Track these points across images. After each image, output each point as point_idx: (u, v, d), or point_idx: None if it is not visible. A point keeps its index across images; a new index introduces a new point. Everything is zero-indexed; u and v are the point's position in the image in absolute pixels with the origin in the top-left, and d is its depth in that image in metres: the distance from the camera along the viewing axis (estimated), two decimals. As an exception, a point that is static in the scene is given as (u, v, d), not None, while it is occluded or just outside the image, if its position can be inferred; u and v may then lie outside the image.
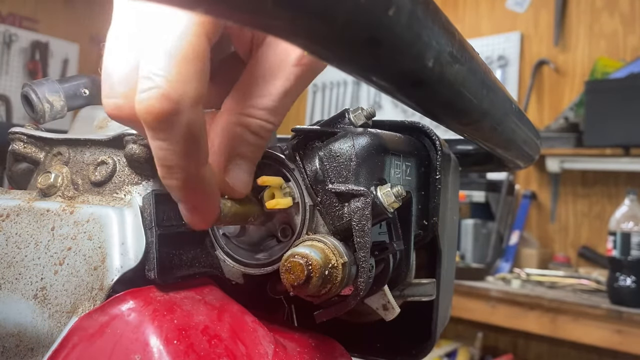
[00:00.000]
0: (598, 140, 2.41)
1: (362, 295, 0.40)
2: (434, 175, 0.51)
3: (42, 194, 0.45)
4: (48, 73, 3.51)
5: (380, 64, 0.27)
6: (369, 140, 0.42)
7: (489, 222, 2.71)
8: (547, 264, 2.68)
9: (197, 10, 0.19)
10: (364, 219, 0.39)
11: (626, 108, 2.30)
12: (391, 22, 0.24)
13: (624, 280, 2.02)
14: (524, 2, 3.05)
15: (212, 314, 0.40)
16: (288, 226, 0.43)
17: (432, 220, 0.50)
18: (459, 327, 2.78)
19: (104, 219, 0.41)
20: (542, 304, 2.14)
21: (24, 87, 0.53)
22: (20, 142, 0.50)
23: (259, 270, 0.43)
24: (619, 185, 2.63)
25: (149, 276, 0.40)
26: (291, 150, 0.43)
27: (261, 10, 0.19)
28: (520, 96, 2.96)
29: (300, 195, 0.42)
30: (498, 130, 0.49)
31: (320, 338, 0.46)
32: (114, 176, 0.45)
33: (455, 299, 1.06)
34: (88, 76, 0.57)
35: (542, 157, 2.65)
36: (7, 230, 0.43)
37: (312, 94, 3.86)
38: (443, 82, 0.33)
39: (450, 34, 0.32)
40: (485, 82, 0.41)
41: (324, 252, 0.38)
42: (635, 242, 2.00)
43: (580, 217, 2.75)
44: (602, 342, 2.05)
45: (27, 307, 0.41)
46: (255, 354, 0.39)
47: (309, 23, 0.21)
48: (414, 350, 0.53)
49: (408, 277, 0.48)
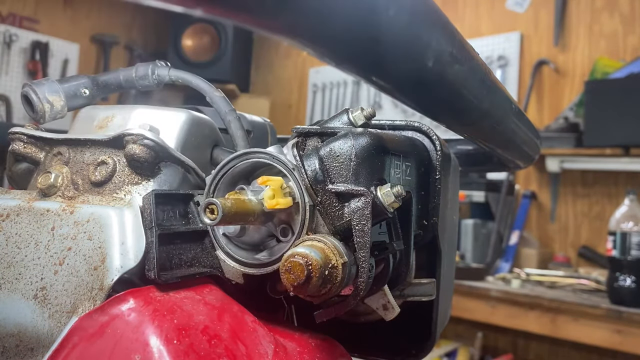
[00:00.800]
0: (598, 140, 2.41)
1: (362, 295, 0.40)
2: (434, 175, 0.51)
3: (42, 194, 0.45)
4: (48, 73, 3.51)
5: (380, 64, 0.27)
6: (369, 140, 0.42)
7: (489, 222, 2.71)
8: (547, 264, 2.68)
9: (197, 10, 0.19)
10: (364, 219, 0.39)
11: (626, 108, 2.30)
12: (391, 22, 0.24)
13: (624, 280, 2.02)
14: (524, 2, 3.05)
15: (212, 314, 0.40)
16: (288, 226, 0.43)
17: (432, 220, 0.50)
18: (459, 327, 2.78)
19: (104, 219, 0.41)
20: (542, 304, 2.14)
21: (24, 87, 0.53)
22: (21, 142, 0.50)
23: (259, 270, 0.43)
24: (618, 185, 2.63)
25: (149, 276, 0.40)
26: (291, 150, 0.43)
27: (261, 10, 0.19)
28: (520, 96, 2.96)
29: (300, 195, 0.42)
30: (498, 130, 0.49)
31: (320, 338, 0.46)
32: (114, 176, 0.45)
33: (455, 299, 1.06)
34: (88, 76, 0.57)
35: (542, 157, 2.65)
36: (7, 230, 0.43)
37: (312, 94, 3.86)
38: (443, 82, 0.33)
39: (450, 34, 0.32)
40: (485, 82, 0.41)
41: (324, 252, 0.38)
42: (635, 242, 2.00)
43: (580, 217, 2.75)
44: (602, 342, 2.05)
45: (27, 307, 0.41)
46: (255, 354, 0.39)
47: (309, 23, 0.21)
48: (414, 350, 0.53)
49: (408, 277, 0.48)
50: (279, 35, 0.22)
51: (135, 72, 0.57)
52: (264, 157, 0.43)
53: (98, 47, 3.88)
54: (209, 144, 0.52)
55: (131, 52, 4.03)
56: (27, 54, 3.49)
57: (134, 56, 4.00)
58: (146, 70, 0.57)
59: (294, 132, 0.45)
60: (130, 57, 4.02)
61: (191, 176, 0.48)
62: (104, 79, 0.58)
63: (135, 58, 3.98)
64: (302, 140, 0.45)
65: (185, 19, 3.74)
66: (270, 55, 4.17)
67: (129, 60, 4.01)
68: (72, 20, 3.74)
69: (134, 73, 0.57)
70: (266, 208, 0.41)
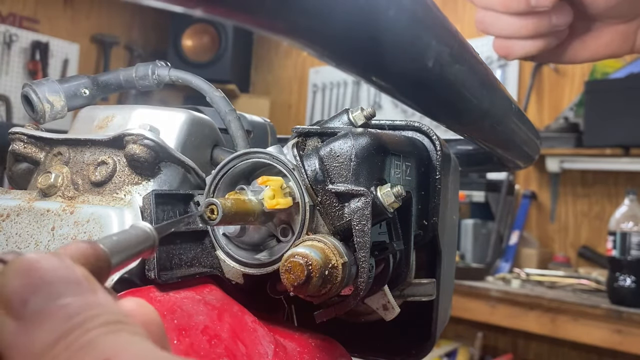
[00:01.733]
0: (598, 140, 2.41)
1: (362, 295, 0.40)
2: (433, 175, 0.51)
3: (42, 194, 0.45)
4: (48, 73, 3.51)
5: (380, 64, 0.27)
6: (369, 140, 0.42)
7: (489, 222, 2.71)
8: (547, 264, 2.68)
9: (197, 10, 0.19)
10: (364, 219, 0.39)
11: (626, 108, 2.30)
12: (391, 22, 0.24)
13: (624, 280, 2.02)
14: (523, 2, 3.04)
15: (212, 314, 0.40)
16: (288, 226, 0.43)
17: (432, 220, 0.50)
18: (459, 327, 2.78)
19: (104, 219, 0.41)
20: (542, 304, 2.14)
21: (24, 87, 0.53)
22: (21, 142, 0.50)
23: (259, 270, 0.43)
24: (618, 185, 2.63)
25: (149, 276, 0.40)
26: (291, 150, 0.43)
27: (261, 10, 0.19)
28: (520, 96, 2.96)
29: (301, 195, 0.42)
30: (498, 130, 0.49)
31: (320, 338, 0.46)
32: (114, 176, 0.45)
33: (455, 299, 1.06)
34: (88, 76, 0.57)
35: (542, 157, 2.64)
36: (7, 230, 0.43)
37: (312, 94, 3.86)
38: (443, 82, 0.33)
39: (450, 34, 0.32)
40: (485, 82, 0.41)
41: (324, 252, 0.38)
42: (635, 242, 2.00)
43: (580, 217, 2.75)
44: (602, 342, 2.05)
45: (27, 307, 0.40)
46: (255, 354, 0.39)
47: (309, 23, 0.21)
48: (414, 350, 0.53)
49: (408, 277, 0.48)
50: (279, 35, 0.22)
51: (135, 72, 0.57)
52: (264, 157, 0.43)
53: (98, 47, 3.88)
54: (209, 144, 0.52)
55: (131, 52, 4.03)
56: (27, 54, 3.49)
57: (134, 56, 4.00)
58: (146, 70, 0.57)
59: (294, 132, 0.45)
60: (130, 57, 4.02)
61: (191, 176, 0.48)
62: (104, 79, 0.58)
63: (135, 58, 3.98)
64: (302, 140, 0.45)
65: (185, 19, 3.74)
66: (270, 55, 4.17)
67: (129, 60, 4.01)
68: (72, 20, 3.74)
69: (134, 73, 0.57)
70: (266, 208, 0.41)
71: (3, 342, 0.19)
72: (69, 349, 0.18)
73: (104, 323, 0.19)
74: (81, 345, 0.18)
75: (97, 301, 0.20)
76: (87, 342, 0.18)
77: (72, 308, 0.19)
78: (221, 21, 0.31)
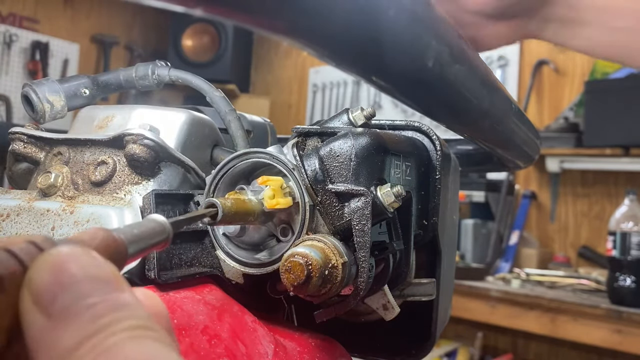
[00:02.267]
0: (598, 140, 2.41)
1: (362, 295, 0.40)
2: (433, 175, 0.51)
3: (42, 194, 0.45)
4: (48, 73, 3.51)
5: (380, 64, 0.27)
6: (369, 140, 0.42)
7: (489, 222, 2.71)
8: (547, 264, 2.68)
9: (197, 10, 0.19)
10: (364, 219, 0.39)
11: (626, 108, 2.30)
12: (391, 22, 0.24)
13: (624, 280, 2.02)
14: (523, 2, 3.04)
15: (212, 314, 0.40)
16: (288, 226, 0.43)
17: (432, 220, 0.50)
18: (459, 327, 2.78)
19: (104, 219, 0.41)
20: (541, 304, 2.14)
21: (25, 87, 0.53)
22: (21, 142, 0.50)
23: (259, 270, 0.43)
24: (618, 185, 2.63)
25: (149, 276, 0.40)
26: (291, 150, 0.43)
27: (261, 10, 0.19)
28: (520, 96, 2.96)
29: (300, 195, 0.42)
30: (498, 130, 0.49)
31: (320, 338, 0.46)
32: (114, 176, 0.46)
33: (455, 299, 1.06)
34: (88, 76, 0.57)
35: (542, 157, 2.64)
36: (7, 230, 0.44)
37: (312, 94, 3.86)
38: (443, 82, 0.33)
39: (450, 34, 0.32)
40: (485, 82, 0.41)
41: (324, 252, 0.38)
42: (635, 242, 2.00)
43: (580, 217, 2.75)
44: (602, 342, 2.05)
45: (27, 307, 0.40)
46: (255, 353, 0.39)
47: (309, 23, 0.21)
48: (414, 350, 0.53)
49: (408, 277, 0.48)
50: (279, 35, 0.22)
51: (135, 72, 0.57)
52: (264, 157, 0.43)
53: (98, 47, 3.88)
54: (209, 144, 0.52)
55: (131, 52, 4.03)
56: (27, 54, 3.49)
57: (134, 56, 4.00)
58: (146, 70, 0.57)
59: (294, 132, 0.45)
60: (130, 57, 4.02)
61: (191, 176, 0.48)
62: (104, 79, 0.58)
63: (135, 58, 3.98)
64: (302, 140, 0.45)
65: (185, 19, 3.74)
66: (270, 55, 4.17)
67: (129, 60, 4.01)
68: (72, 20, 3.75)
69: (134, 73, 0.57)
70: (266, 208, 0.41)
71: (33, 337, 0.19)
72: (93, 351, 0.18)
73: (129, 327, 0.19)
74: (105, 348, 0.18)
75: (124, 302, 0.20)
76: (111, 345, 0.18)
77: (99, 309, 0.19)
78: (221, 21, 0.31)
